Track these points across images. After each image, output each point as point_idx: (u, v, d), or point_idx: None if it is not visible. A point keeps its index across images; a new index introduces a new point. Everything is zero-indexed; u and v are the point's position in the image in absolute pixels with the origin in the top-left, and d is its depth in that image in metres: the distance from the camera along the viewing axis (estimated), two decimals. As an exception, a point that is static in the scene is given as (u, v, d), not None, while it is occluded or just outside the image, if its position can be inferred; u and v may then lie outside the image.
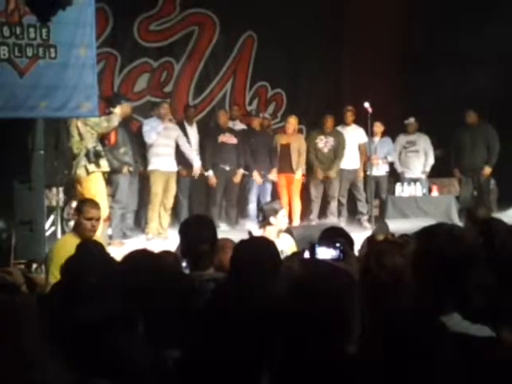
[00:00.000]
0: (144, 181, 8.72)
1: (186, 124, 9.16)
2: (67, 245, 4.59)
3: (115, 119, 7.50)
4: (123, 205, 8.34)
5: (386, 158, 9.94)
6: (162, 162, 8.54)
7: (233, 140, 9.20)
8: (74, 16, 6.07)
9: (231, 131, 9.31)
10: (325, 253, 2.56)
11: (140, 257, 3.05)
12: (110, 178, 8.13)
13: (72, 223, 6.15)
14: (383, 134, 9.96)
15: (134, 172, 8.49)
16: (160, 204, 8.52)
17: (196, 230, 3.50)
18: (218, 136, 9.13)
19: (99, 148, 7.31)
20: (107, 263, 3.06)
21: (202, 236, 3.43)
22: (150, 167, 8.54)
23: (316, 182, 9.60)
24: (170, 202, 8.65)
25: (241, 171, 9.21)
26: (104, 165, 7.34)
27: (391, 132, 10.11)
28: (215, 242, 3.48)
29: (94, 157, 7.18)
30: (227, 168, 9.10)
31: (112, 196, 8.24)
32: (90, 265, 2.88)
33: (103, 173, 7.36)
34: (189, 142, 9.00)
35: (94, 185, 7.16)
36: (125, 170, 8.24)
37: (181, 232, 3.57)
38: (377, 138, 9.89)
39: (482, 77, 9.68)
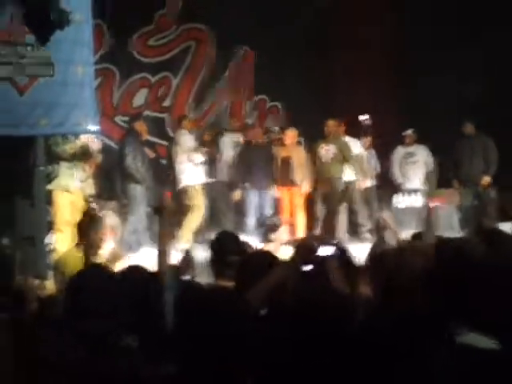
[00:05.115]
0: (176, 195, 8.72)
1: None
2: (73, 258, 4.75)
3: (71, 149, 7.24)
4: (137, 218, 8.37)
5: (374, 170, 9.98)
6: (199, 174, 8.63)
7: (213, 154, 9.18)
8: (71, 34, 6.10)
9: (211, 144, 9.25)
10: (325, 251, 2.76)
11: (135, 272, 3.24)
12: (126, 190, 8.36)
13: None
14: (369, 147, 10.00)
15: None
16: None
17: (228, 243, 3.90)
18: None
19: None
20: (110, 281, 3.10)
21: (233, 249, 3.79)
22: (189, 182, 8.53)
23: (318, 195, 9.48)
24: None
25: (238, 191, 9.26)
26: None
27: (387, 144, 10.19)
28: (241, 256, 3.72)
29: None
30: (209, 181, 9.06)
31: (128, 208, 8.38)
32: (96, 282, 2.93)
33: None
34: None
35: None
36: (142, 183, 8.35)
37: (211, 245, 3.94)
38: (364, 152, 9.92)
39: (478, 87, 9.78)
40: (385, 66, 10.78)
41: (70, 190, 7.24)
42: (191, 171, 8.57)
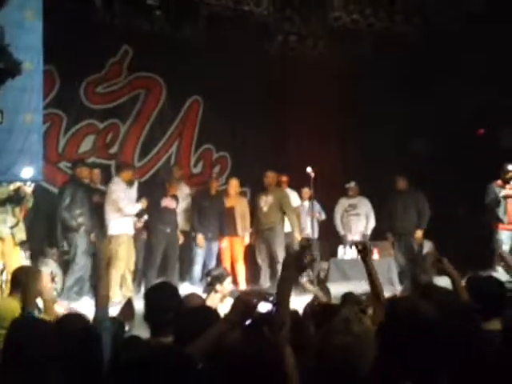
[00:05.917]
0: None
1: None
2: (8, 308, 4.65)
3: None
4: (81, 266, 8.21)
5: (319, 214, 10.12)
6: (127, 225, 8.46)
7: (173, 204, 9.14)
8: (21, 82, 6.11)
9: (172, 196, 9.22)
10: (264, 307, 2.79)
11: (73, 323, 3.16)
12: (68, 238, 8.21)
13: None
14: (310, 198, 10.15)
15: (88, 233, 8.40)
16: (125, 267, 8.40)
17: (160, 299, 3.56)
18: (160, 200, 9.04)
19: None
20: (47, 332, 3.09)
21: (166, 305, 3.49)
22: (115, 231, 8.35)
23: (260, 246, 9.57)
24: (133, 264, 8.59)
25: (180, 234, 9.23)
26: None
27: (334, 195, 10.36)
28: (179, 311, 3.51)
29: None
30: (167, 230, 9.06)
31: (71, 257, 8.21)
32: (29, 338, 2.92)
33: None
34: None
35: None
36: (81, 230, 8.21)
37: (145, 298, 3.62)
38: (306, 202, 10.09)
39: (415, 143, 10.12)
40: (330, 121, 11.04)
41: (3, 236, 7.15)
42: (117, 221, 8.38)
